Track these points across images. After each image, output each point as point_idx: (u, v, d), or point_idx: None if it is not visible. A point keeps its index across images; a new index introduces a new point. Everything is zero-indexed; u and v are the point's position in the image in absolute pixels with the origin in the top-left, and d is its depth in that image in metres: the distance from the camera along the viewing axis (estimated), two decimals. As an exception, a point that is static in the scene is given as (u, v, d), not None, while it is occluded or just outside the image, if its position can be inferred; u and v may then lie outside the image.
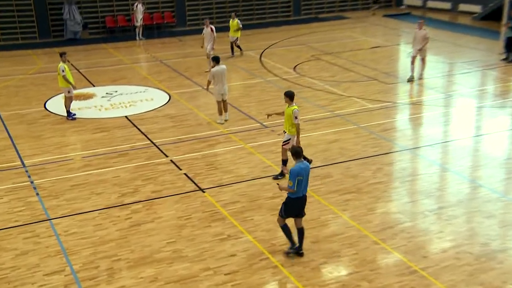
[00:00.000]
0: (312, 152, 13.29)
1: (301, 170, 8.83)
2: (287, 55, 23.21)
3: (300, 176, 8.82)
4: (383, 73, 19.75)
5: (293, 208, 9.01)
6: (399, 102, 16.98)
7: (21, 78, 19.90)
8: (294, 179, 8.80)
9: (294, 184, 8.80)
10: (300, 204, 9.02)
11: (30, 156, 13.20)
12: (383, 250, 9.33)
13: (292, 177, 8.81)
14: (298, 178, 8.80)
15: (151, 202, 11.04)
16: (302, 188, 8.88)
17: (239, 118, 15.76)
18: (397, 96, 17.41)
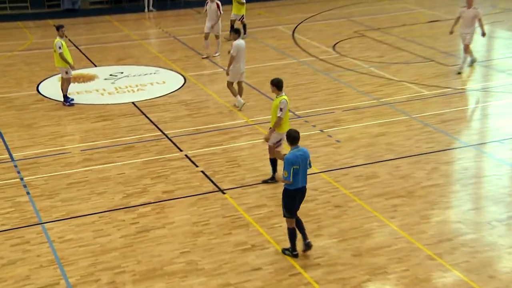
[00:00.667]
0: (354, 147, 13.22)
1: (296, 158, 9.00)
2: (325, 31, 23.09)
3: (296, 165, 8.97)
4: (442, 53, 19.49)
5: (294, 201, 9.21)
6: (461, 88, 16.74)
7: (9, 55, 20.23)
8: (289, 169, 8.94)
9: (290, 175, 8.96)
10: (300, 196, 9.26)
11: (20, 148, 13.41)
12: (440, 267, 9.22)
13: (286, 166, 8.96)
14: (293, 168, 8.95)
15: (161, 205, 11.11)
16: (300, 179, 9.07)
17: (267, 105, 15.73)
18: (459, 81, 17.18)
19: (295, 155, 9.06)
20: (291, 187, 9.16)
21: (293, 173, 9.01)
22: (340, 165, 12.47)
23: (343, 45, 20.91)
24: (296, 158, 9.02)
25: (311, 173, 12.08)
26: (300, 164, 9.05)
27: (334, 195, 11.29)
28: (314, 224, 10.33)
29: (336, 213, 10.72)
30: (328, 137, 13.81)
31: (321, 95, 16.41)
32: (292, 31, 22.83)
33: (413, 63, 18.79)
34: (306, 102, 15.86)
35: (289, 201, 9.25)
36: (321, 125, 14.41)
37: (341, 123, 14.61)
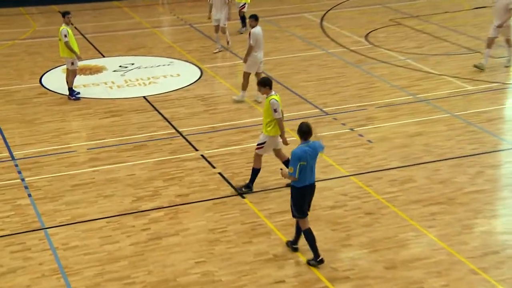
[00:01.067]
0: (387, 148, 13.19)
1: (304, 153, 9.15)
2: (357, 18, 23.03)
3: (303, 161, 9.13)
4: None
5: (303, 200, 9.37)
6: (509, 83, 16.60)
7: (10, 44, 20.49)
8: (295, 165, 9.13)
9: (296, 171, 9.14)
10: (308, 195, 9.42)
11: (20, 146, 13.60)
12: (485, 283, 9.18)
13: (292, 162, 9.16)
14: (300, 164, 9.11)
15: (175, 209, 11.20)
16: (308, 175, 9.25)
17: (292, 101, 15.77)
18: (508, 75, 17.03)
19: (303, 150, 9.20)
20: (298, 185, 9.30)
21: (300, 169, 9.15)
22: (372, 168, 12.45)
23: (377, 35, 20.83)
24: (304, 154, 9.16)
25: (340, 176, 12.12)
26: (308, 160, 9.19)
27: (365, 201, 11.29)
28: (342, 233, 10.34)
29: (367, 221, 10.71)
30: (359, 136, 13.79)
31: (352, 90, 16.39)
32: (321, 19, 22.81)
33: (455, 54, 18.67)
34: (335, 97, 15.86)
35: (298, 200, 9.38)
36: (351, 124, 14.40)
37: (373, 121, 14.57)
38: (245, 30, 20.63)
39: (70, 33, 15.41)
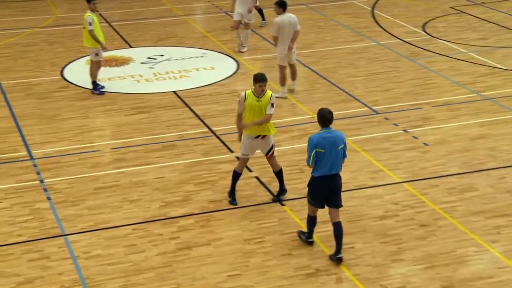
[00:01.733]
0: (446, 152, 13.09)
1: (322, 140, 9.49)
2: (413, 6, 22.86)
3: (321, 148, 9.46)
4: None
5: (319, 190, 9.74)
6: None
7: (30, 33, 20.83)
8: (310, 151, 9.52)
9: (310, 158, 9.53)
10: (328, 186, 9.70)
11: (40, 145, 13.83)
12: (553, 306, 9.05)
13: (308, 148, 9.56)
14: (317, 151, 9.48)
15: (207, 216, 11.27)
16: (328, 165, 9.56)
17: (338, 98, 15.73)
18: None
19: (320, 137, 9.52)
20: (315, 174, 9.67)
21: (316, 157, 9.50)
22: (428, 174, 12.37)
23: (435, 24, 20.66)
24: (321, 140, 9.48)
25: (392, 182, 12.07)
26: (327, 148, 9.48)
27: (419, 211, 11.22)
28: (393, 246, 10.30)
29: (421, 233, 10.65)
30: (413, 138, 13.71)
31: (406, 86, 16.30)
32: (372, 7, 22.71)
33: (525, 47, 18.44)
34: (386, 95, 15.79)
35: (313, 190, 9.81)
36: (405, 124, 14.32)
37: (430, 121, 14.47)
38: (265, 23, 20.53)
39: (95, 21, 15.59)
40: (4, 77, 17.24)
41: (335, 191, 9.82)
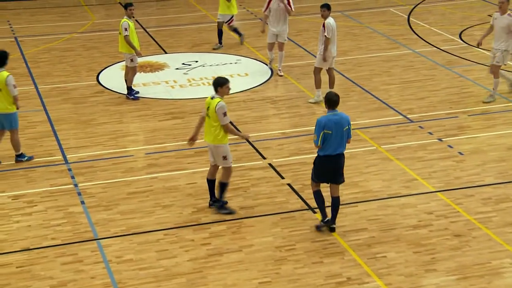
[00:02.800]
0: (481, 161, 12.96)
1: (329, 122, 10.30)
2: (449, 14, 22.69)
3: (328, 129, 10.29)
4: None
5: (324, 168, 10.51)
6: None
7: (67, 38, 21.09)
8: (318, 132, 10.31)
9: (318, 139, 10.32)
10: (332, 165, 10.49)
11: (75, 149, 13.98)
12: None
13: (316, 129, 10.35)
14: (324, 132, 10.28)
15: (239, 223, 11.29)
16: (334, 145, 10.35)
17: (372, 106, 15.67)
18: None
19: (328, 119, 10.33)
20: (322, 153, 10.44)
21: (324, 138, 10.29)
22: (462, 184, 12.25)
23: (472, 32, 20.47)
24: (329, 122, 10.29)
25: (426, 191, 11.98)
26: (334, 129, 10.30)
27: (453, 221, 11.11)
28: (426, 256, 10.21)
29: (455, 243, 10.54)
30: (448, 148, 13.60)
31: (441, 95, 16.18)
32: (408, 14, 22.59)
33: None
34: (421, 103, 15.68)
35: (319, 167, 10.56)
36: (440, 133, 14.20)
37: (465, 130, 14.34)
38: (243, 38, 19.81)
39: (131, 27, 15.73)
40: (41, 82, 17.47)
41: (338, 169, 10.57)
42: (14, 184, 12.56)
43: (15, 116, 13.17)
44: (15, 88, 12.92)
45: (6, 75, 12.81)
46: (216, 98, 11.12)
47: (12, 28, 22.03)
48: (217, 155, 11.32)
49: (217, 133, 11.14)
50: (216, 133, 11.14)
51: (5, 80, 12.76)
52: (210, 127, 11.15)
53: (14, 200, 12.02)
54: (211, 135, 11.17)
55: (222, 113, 11.00)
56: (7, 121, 13.10)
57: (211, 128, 11.14)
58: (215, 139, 11.17)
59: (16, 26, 22.30)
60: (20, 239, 10.87)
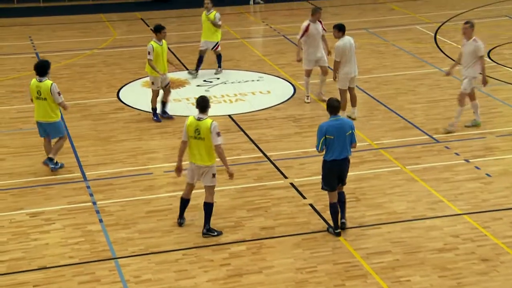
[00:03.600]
0: (510, 184, 12.82)
1: (330, 127, 10.81)
2: (477, 32, 22.39)
3: (330, 134, 10.79)
4: None
5: (331, 173, 11.02)
6: None
7: (88, 54, 21.27)
8: (319, 137, 10.85)
9: (319, 144, 10.88)
10: (338, 168, 11.02)
11: (94, 166, 14.04)
12: None
13: (318, 134, 10.90)
14: (326, 137, 10.80)
15: (259, 243, 11.25)
16: (338, 150, 10.87)
17: (397, 125, 15.60)
18: None
19: (329, 125, 10.85)
20: (327, 158, 10.96)
21: (326, 143, 10.82)
22: (490, 206, 12.13)
23: (501, 51, 20.36)
24: (330, 128, 10.80)
25: (452, 214, 11.88)
26: (336, 134, 10.80)
27: (481, 245, 10.99)
28: (452, 281, 10.10)
29: (482, 268, 10.42)
30: (475, 169, 13.48)
31: (469, 114, 16.04)
32: (435, 32, 22.53)
33: None
34: (448, 123, 15.56)
35: (326, 172, 11.05)
36: (467, 154, 14.10)
37: (493, 151, 14.22)
38: (220, 70, 19.08)
39: (157, 50, 15.63)
40: (61, 98, 17.58)
41: (345, 172, 11.16)
42: (33, 201, 12.63)
43: (59, 124, 13.61)
44: (60, 95, 13.34)
45: (50, 83, 13.29)
46: (206, 119, 11.08)
47: (34, 44, 22.28)
48: (208, 174, 11.28)
49: (211, 153, 11.18)
50: (211, 153, 11.17)
51: (50, 89, 13.21)
52: (204, 148, 11.11)
53: (32, 218, 12.08)
54: (206, 156, 11.16)
55: (217, 132, 11.04)
56: (51, 130, 13.56)
57: (206, 149, 11.11)
58: (212, 159, 11.22)
59: (37, 42, 22.55)
60: (38, 257, 10.90)
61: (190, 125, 11.13)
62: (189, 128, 11.14)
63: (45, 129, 13.55)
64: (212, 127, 10.99)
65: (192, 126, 11.11)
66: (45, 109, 13.33)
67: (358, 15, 24.90)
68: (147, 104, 16.45)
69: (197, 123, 11.08)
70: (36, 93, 13.28)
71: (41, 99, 13.29)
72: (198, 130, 11.05)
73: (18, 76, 19.36)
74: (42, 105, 13.33)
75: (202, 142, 11.08)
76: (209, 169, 11.26)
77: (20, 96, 17.76)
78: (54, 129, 13.53)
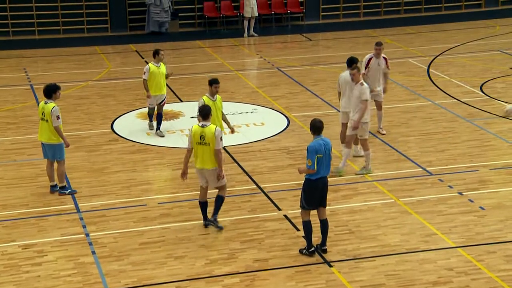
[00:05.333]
0: (504, 217, 12.83)
1: (320, 146, 11.19)
2: (471, 66, 22.75)
3: (320, 153, 11.16)
4: None
5: (315, 193, 11.26)
6: None
7: (83, 86, 21.31)
8: (313, 157, 11.12)
9: (314, 163, 11.10)
10: (321, 187, 11.30)
11: (87, 198, 13.99)
12: None
13: (310, 155, 11.13)
14: (317, 156, 11.12)
15: (252, 276, 11.19)
16: (324, 168, 11.22)
17: (390, 158, 15.62)
18: None
19: (318, 144, 11.22)
20: (314, 177, 11.20)
21: (317, 162, 11.08)
22: (484, 240, 12.11)
23: (493, 85, 20.47)
24: (320, 147, 11.17)
25: (446, 247, 11.86)
26: (324, 153, 11.20)
27: (475, 278, 10.95)
28: (446, 314, 10.05)
29: (476, 301, 10.39)
30: (469, 202, 13.48)
31: (462, 147, 16.11)
32: (428, 66, 22.66)
33: None
34: (441, 155, 15.60)
35: (310, 192, 11.26)
36: (460, 187, 14.10)
37: (487, 184, 14.23)
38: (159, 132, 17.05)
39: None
40: (55, 129, 17.58)
41: (326, 191, 11.45)
42: (25, 233, 12.56)
43: (59, 147, 13.79)
44: (58, 119, 13.57)
45: (51, 106, 13.58)
46: (210, 125, 12.14)
47: (28, 76, 22.33)
48: (213, 176, 12.22)
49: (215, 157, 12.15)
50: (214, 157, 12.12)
51: (51, 111, 13.47)
52: (209, 153, 12.07)
53: (24, 250, 12.00)
54: (211, 161, 12.11)
55: (220, 138, 12.09)
56: (51, 152, 13.80)
57: (210, 154, 12.07)
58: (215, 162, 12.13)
59: (32, 73, 22.61)
60: (29, 289, 10.83)
61: (195, 132, 12.15)
62: (194, 136, 12.15)
63: (46, 151, 13.83)
64: (216, 133, 12.03)
65: (197, 133, 12.13)
66: (47, 130, 13.68)
67: (351, 48, 25.04)
68: (142, 135, 16.51)
69: (201, 129, 12.12)
70: (41, 114, 13.69)
71: (44, 121, 13.67)
72: (203, 137, 12.07)
73: (13, 108, 19.38)
74: (44, 127, 13.68)
75: (207, 148, 12.07)
76: (213, 171, 12.16)
77: (14, 127, 17.78)
78: (53, 152, 13.77)
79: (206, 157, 12.08)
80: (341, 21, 29.25)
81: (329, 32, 27.20)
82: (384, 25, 28.42)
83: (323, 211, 11.51)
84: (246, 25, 27.23)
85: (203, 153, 12.09)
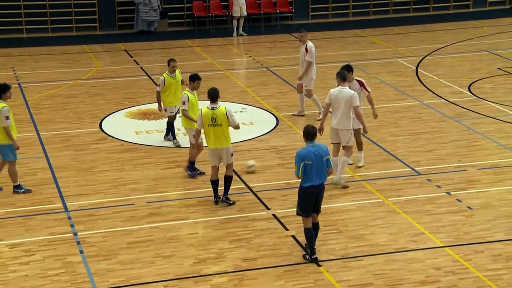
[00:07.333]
0: (491, 217, 12.87)
1: (309, 153, 11.01)
2: (458, 66, 22.81)
3: (308, 160, 10.98)
4: None
5: (309, 199, 11.15)
6: None
7: (71, 85, 21.23)
8: (298, 164, 10.99)
9: (299, 170, 10.99)
10: (315, 195, 11.16)
11: (75, 197, 13.94)
12: None
13: (296, 161, 11.03)
14: (305, 163, 10.97)
15: (241, 275, 11.18)
16: (315, 175, 11.04)
17: (379, 158, 15.64)
18: None
19: (307, 151, 11.05)
20: (305, 184, 11.10)
21: (304, 169, 10.96)
22: (471, 239, 12.14)
23: (481, 85, 20.54)
24: (308, 154, 11.00)
25: (433, 246, 11.88)
26: (314, 160, 10.99)
27: (462, 278, 10.98)
28: (434, 314, 10.08)
29: (464, 301, 10.42)
30: (457, 201, 13.52)
31: (450, 147, 16.16)
32: (416, 66, 22.72)
33: None
34: (429, 155, 15.64)
35: (303, 199, 11.16)
36: (448, 186, 14.14)
37: (475, 184, 14.27)
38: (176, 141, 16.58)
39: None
40: (43, 128, 17.54)
41: (320, 199, 11.31)
42: (12, 232, 12.51)
43: (9, 148, 13.61)
44: (7, 119, 13.42)
45: (1, 106, 13.41)
46: (220, 107, 12.73)
47: (16, 75, 22.23)
48: (228, 154, 12.96)
49: (228, 136, 12.83)
50: (227, 136, 12.81)
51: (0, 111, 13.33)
52: (222, 133, 12.74)
53: (11, 249, 11.95)
54: (225, 139, 12.80)
55: (232, 115, 12.74)
56: (1, 152, 13.70)
57: (224, 134, 12.77)
58: (228, 141, 12.86)
59: (20, 72, 22.51)
60: (16, 288, 10.78)
61: (205, 115, 12.70)
62: (205, 118, 12.74)
63: None
64: (228, 112, 12.65)
65: (208, 116, 12.70)
66: None
67: (340, 48, 25.09)
68: (130, 134, 16.43)
69: (212, 112, 12.70)
70: None
71: None
72: (214, 118, 12.66)
73: None
74: None
75: (220, 128, 12.73)
76: (226, 150, 12.88)
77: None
78: (2, 152, 13.68)
79: (221, 137, 12.74)
80: (330, 21, 29.29)
81: (318, 31, 27.22)
82: (372, 25, 28.49)
83: (316, 216, 11.42)
84: (235, 24, 27.24)
85: (216, 133, 12.72)
